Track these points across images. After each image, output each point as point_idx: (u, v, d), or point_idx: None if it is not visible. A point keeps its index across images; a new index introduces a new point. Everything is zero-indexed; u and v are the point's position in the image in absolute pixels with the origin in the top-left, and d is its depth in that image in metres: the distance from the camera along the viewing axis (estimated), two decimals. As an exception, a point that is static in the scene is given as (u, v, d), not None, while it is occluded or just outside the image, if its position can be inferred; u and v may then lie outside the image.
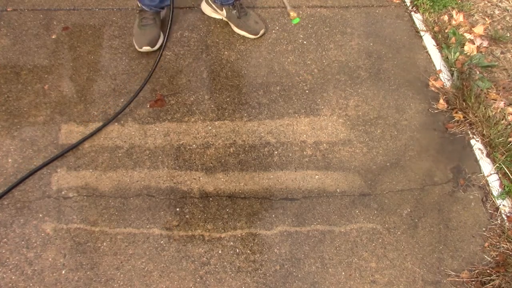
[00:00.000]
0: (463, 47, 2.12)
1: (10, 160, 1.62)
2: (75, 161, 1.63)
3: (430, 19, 2.25)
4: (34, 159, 1.62)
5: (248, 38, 2.07)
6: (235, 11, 2.01)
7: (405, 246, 1.54)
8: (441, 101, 1.93)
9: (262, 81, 1.93)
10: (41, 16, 2.07)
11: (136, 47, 1.93)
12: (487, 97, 1.94)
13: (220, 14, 2.09)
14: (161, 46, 1.89)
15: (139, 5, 1.92)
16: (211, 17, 2.14)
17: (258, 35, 2.05)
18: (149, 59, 1.96)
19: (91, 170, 1.62)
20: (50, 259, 1.42)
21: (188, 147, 1.71)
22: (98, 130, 1.67)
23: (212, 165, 1.67)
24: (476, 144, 1.82)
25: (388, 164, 1.74)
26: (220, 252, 1.48)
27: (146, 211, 1.54)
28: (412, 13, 2.30)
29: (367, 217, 1.59)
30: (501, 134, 1.79)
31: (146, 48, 1.92)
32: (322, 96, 1.91)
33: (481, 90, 1.93)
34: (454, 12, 2.28)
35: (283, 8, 2.24)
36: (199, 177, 1.64)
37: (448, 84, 2.00)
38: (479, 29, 2.21)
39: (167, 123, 1.77)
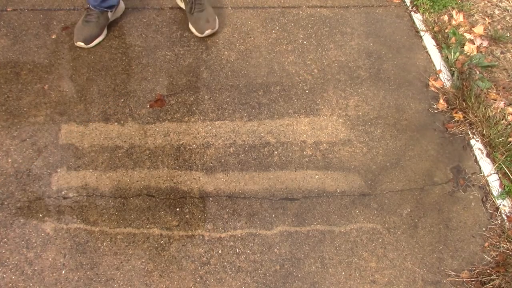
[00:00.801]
0: (463, 47, 2.12)
1: (10, 160, 1.62)
2: (75, 161, 1.63)
3: (430, 19, 2.25)
4: (34, 159, 1.62)
5: (196, 35, 2.04)
6: (189, 5, 2.00)
7: (405, 246, 1.54)
8: (441, 101, 1.93)
9: (262, 81, 1.93)
10: (41, 16, 2.07)
11: (74, 40, 1.96)
12: (487, 97, 1.94)
13: (182, 5, 2.11)
14: (96, 45, 1.94)
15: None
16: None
17: (203, 35, 2.01)
18: (149, 59, 1.96)
19: (91, 170, 1.62)
20: (50, 259, 1.42)
21: (188, 147, 1.71)
22: None
23: (212, 165, 1.67)
24: (476, 144, 1.82)
25: (388, 164, 1.74)
26: (220, 252, 1.48)
27: (146, 211, 1.54)
28: (412, 13, 2.30)
29: (367, 217, 1.59)
30: (501, 134, 1.79)
31: (80, 44, 1.94)
32: (322, 96, 1.91)
33: (481, 90, 1.93)
34: (454, 12, 2.28)
35: (283, 8, 2.24)
36: (199, 177, 1.64)
37: (448, 84, 2.00)
38: (479, 29, 2.21)
39: (167, 123, 1.77)
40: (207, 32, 2.00)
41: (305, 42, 2.11)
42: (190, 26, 2.04)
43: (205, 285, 1.41)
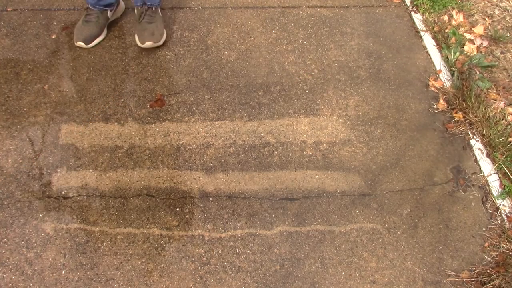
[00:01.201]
0: (463, 47, 2.12)
1: (10, 160, 1.62)
2: (75, 161, 1.63)
3: (430, 19, 2.25)
4: (34, 159, 1.62)
5: (137, 43, 1.99)
6: (139, 13, 1.97)
7: (405, 246, 1.54)
8: (441, 101, 1.93)
9: (262, 81, 1.93)
10: (41, 16, 2.07)
11: (74, 40, 1.96)
12: (487, 97, 1.94)
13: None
14: (96, 45, 1.94)
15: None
16: (211, 18, 2.14)
17: (143, 45, 1.95)
18: (149, 59, 1.96)
19: (91, 170, 1.62)
20: (50, 259, 1.42)
21: (188, 147, 1.71)
22: None
23: (212, 165, 1.67)
24: (476, 144, 1.82)
25: (388, 164, 1.74)
26: (220, 252, 1.48)
27: (146, 211, 1.54)
28: (412, 13, 2.30)
29: (367, 217, 1.59)
30: (501, 134, 1.79)
31: (80, 44, 1.94)
32: (322, 96, 1.91)
33: (481, 90, 1.93)
34: (454, 12, 2.28)
35: (283, 8, 2.24)
36: (199, 177, 1.64)
37: (448, 84, 2.00)
38: (479, 29, 2.21)
39: (167, 123, 1.77)
40: (148, 44, 1.94)
41: (305, 42, 2.11)
42: (135, 34, 1.99)
43: (205, 285, 1.41)
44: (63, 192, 1.56)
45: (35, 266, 1.40)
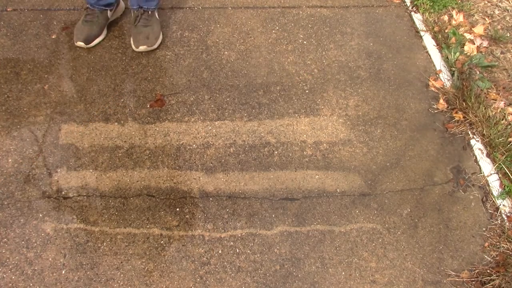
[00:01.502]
0: (463, 47, 2.12)
1: (10, 160, 1.62)
2: (75, 161, 1.63)
3: (430, 19, 2.25)
4: (34, 159, 1.62)
5: (132, 47, 1.99)
6: (134, 16, 1.97)
7: (405, 246, 1.54)
8: (441, 101, 1.93)
9: (262, 81, 1.93)
10: (41, 16, 2.07)
11: (74, 40, 1.95)
12: (487, 97, 1.94)
13: None
14: (96, 45, 1.94)
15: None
16: (211, 18, 2.14)
17: (137, 49, 1.95)
18: (149, 59, 1.96)
19: (91, 170, 1.62)
20: (50, 259, 1.42)
21: (188, 147, 1.71)
22: None
23: (212, 165, 1.67)
24: (476, 144, 1.82)
25: (388, 164, 1.74)
26: (220, 252, 1.48)
27: (146, 211, 1.54)
28: (412, 13, 2.30)
29: (367, 217, 1.59)
30: (501, 134, 1.79)
31: (80, 44, 1.93)
32: (322, 96, 1.91)
33: (481, 90, 1.93)
34: (454, 12, 2.28)
35: (283, 8, 2.24)
36: (199, 177, 1.64)
37: (448, 84, 2.00)
38: (479, 29, 2.21)
39: (167, 123, 1.77)
40: (142, 48, 1.93)
41: (305, 42, 2.11)
42: (131, 37, 1.98)
43: (205, 285, 1.41)
44: (63, 192, 1.56)
45: (35, 266, 1.40)
